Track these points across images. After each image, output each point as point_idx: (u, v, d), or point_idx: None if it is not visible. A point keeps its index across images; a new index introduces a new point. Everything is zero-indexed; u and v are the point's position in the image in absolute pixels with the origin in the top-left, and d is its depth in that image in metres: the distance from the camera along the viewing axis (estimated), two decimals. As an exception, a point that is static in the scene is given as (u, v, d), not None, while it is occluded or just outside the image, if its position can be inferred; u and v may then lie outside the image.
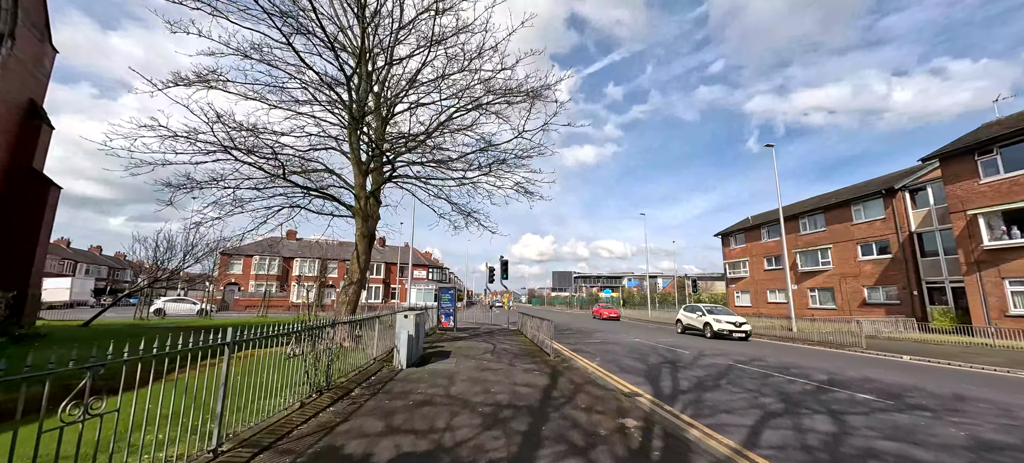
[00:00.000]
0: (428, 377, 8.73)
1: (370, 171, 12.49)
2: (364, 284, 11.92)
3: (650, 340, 18.93)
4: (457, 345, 14.28)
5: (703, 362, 12.08)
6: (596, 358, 12.72)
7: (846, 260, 29.16)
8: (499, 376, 9.00)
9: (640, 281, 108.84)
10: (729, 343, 17.99)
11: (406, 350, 9.74)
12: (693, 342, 18.08)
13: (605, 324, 31.40)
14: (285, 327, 5.64)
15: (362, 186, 11.98)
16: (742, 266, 40.14)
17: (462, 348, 13.37)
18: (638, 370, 10.68)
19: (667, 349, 15.30)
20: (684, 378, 9.62)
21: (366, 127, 10.76)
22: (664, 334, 22.21)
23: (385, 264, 56.85)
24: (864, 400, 7.74)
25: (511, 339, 16.79)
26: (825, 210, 31.02)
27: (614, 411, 6.42)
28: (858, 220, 28.48)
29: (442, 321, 21.14)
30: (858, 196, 28.23)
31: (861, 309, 27.75)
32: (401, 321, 10.15)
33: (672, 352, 14.43)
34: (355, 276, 11.92)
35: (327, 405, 6.16)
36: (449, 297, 21.31)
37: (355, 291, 11.77)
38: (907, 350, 15.61)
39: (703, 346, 16.41)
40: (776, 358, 13.20)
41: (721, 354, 14.00)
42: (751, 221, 39.99)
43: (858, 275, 28.26)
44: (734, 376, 9.91)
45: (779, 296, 35.53)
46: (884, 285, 26.54)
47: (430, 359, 11.13)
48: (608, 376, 9.78)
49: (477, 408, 6.41)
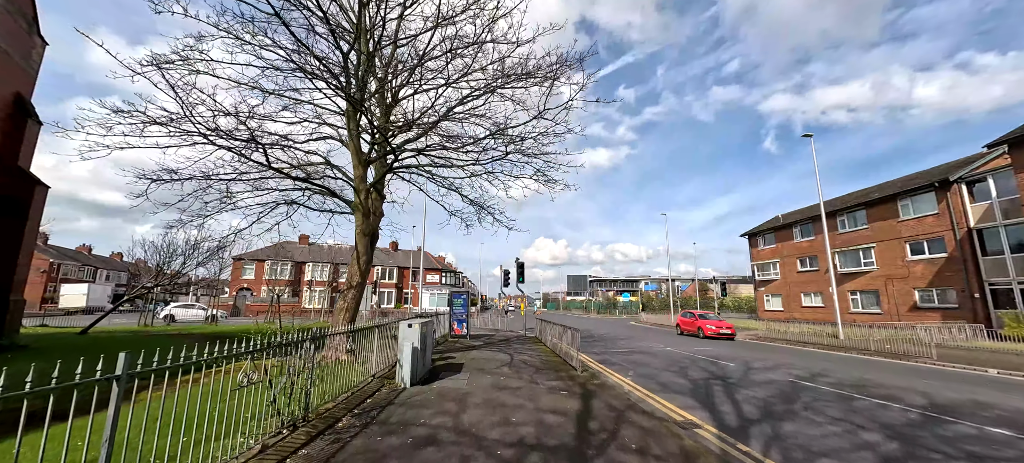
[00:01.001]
0: (435, 399, 7.25)
1: (371, 161, 11.15)
2: (364, 288, 10.53)
3: (682, 348, 17.14)
4: (470, 356, 12.81)
5: (757, 377, 10.32)
6: (629, 372, 11.08)
7: (892, 260, 26.72)
8: (520, 398, 7.47)
9: (658, 285, 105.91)
10: (772, 352, 16.08)
11: (410, 365, 8.29)
12: (726, 349, 16.22)
13: (629, 331, 29.54)
14: (243, 343, 4.22)
15: (362, 178, 10.64)
16: (772, 268, 37.75)
17: (476, 360, 11.89)
18: (683, 388, 9.01)
19: (707, 360, 13.52)
20: (744, 400, 7.93)
21: (367, 113, 9.44)
22: (694, 341, 20.33)
23: (398, 268, 55.87)
24: (1005, 438, 5.94)
25: (529, 349, 15.24)
26: (867, 206, 28.62)
27: (677, 455, 4.82)
28: (906, 216, 26.06)
29: (454, 328, 19.72)
30: (906, 190, 25.83)
31: (911, 314, 25.30)
32: (404, 331, 8.71)
33: (714, 364, 12.66)
34: (355, 279, 10.56)
35: (299, 446, 4.72)
36: (462, 302, 19.88)
37: (355, 296, 10.40)
38: (986, 361, 13.49)
39: (745, 355, 14.57)
40: (842, 372, 11.32)
41: (775, 366, 12.18)
42: (781, 219, 37.59)
43: (907, 276, 25.82)
44: (807, 398, 8.16)
45: (815, 299, 33.09)
46: (938, 287, 24.08)
47: (439, 374, 9.67)
48: (651, 397, 8.14)
49: (495, 450, 4.89)
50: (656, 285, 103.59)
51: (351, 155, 10.79)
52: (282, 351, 5.09)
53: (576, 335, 10.95)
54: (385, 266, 54.97)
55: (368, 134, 10.88)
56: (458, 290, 20.39)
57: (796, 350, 17.33)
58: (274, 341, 4.80)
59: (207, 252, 19.70)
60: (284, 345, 5.05)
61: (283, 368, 5.16)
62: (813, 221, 33.31)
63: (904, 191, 25.95)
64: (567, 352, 12.38)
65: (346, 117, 10.73)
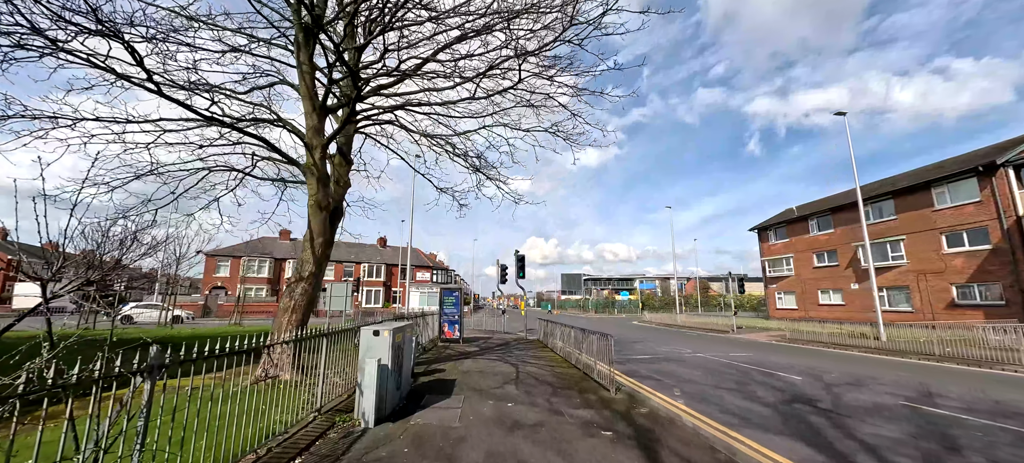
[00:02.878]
0: (410, 454, 4.48)
1: (330, 110, 8.30)
2: (320, 280, 7.69)
3: (710, 352, 14.53)
4: (463, 367, 10.03)
5: (850, 398, 7.68)
6: (674, 391, 8.39)
7: (925, 253, 24.46)
8: (543, 447, 4.75)
9: (654, 283, 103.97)
10: (819, 359, 13.54)
11: (375, 393, 5.49)
12: (764, 354, 13.64)
13: (639, 332, 26.97)
14: None
15: (317, 130, 7.78)
16: (785, 264, 35.47)
17: (471, 374, 9.11)
18: (770, 421, 6.34)
19: (759, 371, 10.90)
20: (882, 444, 5.28)
21: (327, 31, 6.61)
22: (719, 344, 17.74)
23: (386, 266, 52.78)
24: None
25: (535, 356, 12.51)
26: (895, 195, 26.35)
27: None
28: (942, 205, 23.80)
29: (445, 330, 16.91)
30: (942, 176, 23.55)
31: (948, 312, 23.05)
32: (369, 342, 5.90)
33: (772, 376, 10.03)
34: (307, 268, 7.71)
35: None
36: (453, 301, 17.07)
37: (304, 292, 7.54)
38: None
39: (795, 362, 11.99)
40: (947, 387, 8.72)
41: (853, 381, 9.57)
42: (796, 212, 35.31)
43: (943, 271, 23.56)
44: (963, 437, 5.53)
45: (834, 297, 30.85)
46: (980, 282, 21.83)
47: (421, 398, 6.87)
48: (741, 441, 5.43)
49: None
50: (653, 284, 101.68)
51: (302, 99, 7.92)
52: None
53: (606, 343, 8.20)
54: (372, 263, 51.88)
55: (325, 76, 8.00)
56: (450, 287, 17.59)
57: (842, 355, 14.82)
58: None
59: (151, 242, 16.62)
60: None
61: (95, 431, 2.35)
62: (832, 213, 31.06)
63: (941, 177, 23.67)
64: (587, 364, 9.67)
65: (296, 49, 7.85)
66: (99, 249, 16.53)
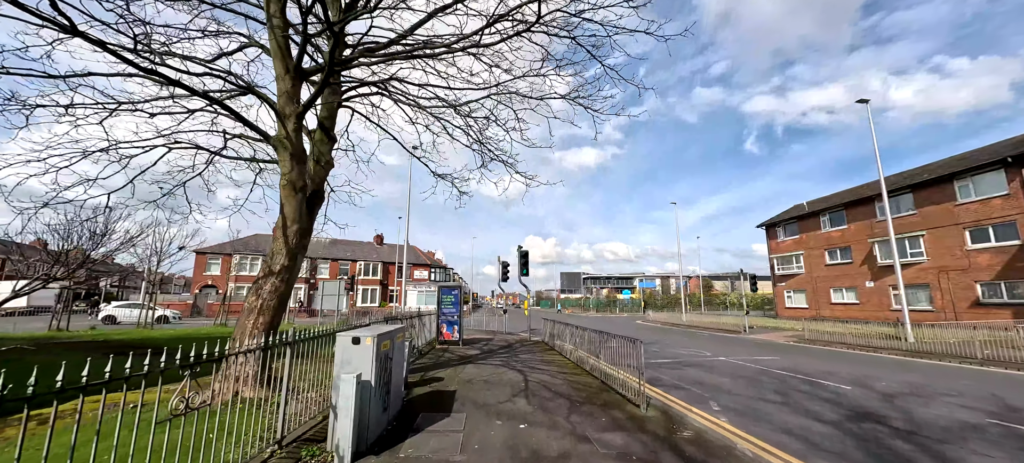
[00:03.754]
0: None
1: (308, 75, 7.05)
2: (295, 274, 6.44)
3: (733, 355, 13.33)
4: (465, 374, 8.81)
5: (921, 413, 6.49)
6: (711, 404, 7.18)
7: (947, 249, 23.33)
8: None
9: (654, 281, 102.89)
10: (854, 363, 12.38)
11: (354, 417, 4.26)
12: (793, 358, 12.46)
13: (649, 333, 25.77)
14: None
15: (290, 96, 6.52)
16: (795, 261, 34.32)
17: (474, 384, 7.89)
18: (843, 446, 5.13)
19: (798, 377, 9.70)
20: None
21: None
22: (738, 345, 16.56)
23: (383, 264, 51.48)
24: None
25: (543, 360, 11.30)
26: (914, 189, 25.20)
27: None
28: (965, 199, 22.65)
29: (444, 331, 15.70)
30: (967, 168, 22.40)
31: (972, 311, 21.93)
32: (346, 352, 4.66)
33: (817, 385, 8.83)
34: (277, 263, 6.46)
35: None
36: (452, 299, 15.85)
37: (274, 290, 6.30)
38: None
39: (832, 368, 10.83)
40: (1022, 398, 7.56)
41: (924, 390, 8.39)
42: (807, 207, 34.15)
43: (966, 268, 22.43)
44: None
45: (847, 295, 29.72)
46: (1009, 280, 20.70)
47: (414, 417, 5.65)
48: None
49: None
50: (654, 282, 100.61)
51: (273, 60, 6.67)
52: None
53: (634, 349, 6.96)
54: (369, 261, 50.60)
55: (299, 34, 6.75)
56: (449, 285, 16.37)
57: (875, 358, 13.64)
58: None
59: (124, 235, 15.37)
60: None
61: None
62: (846, 208, 29.91)
63: (965, 169, 22.51)
64: (608, 373, 8.46)
65: (266, 2, 6.58)
66: (65, 243, 15.17)
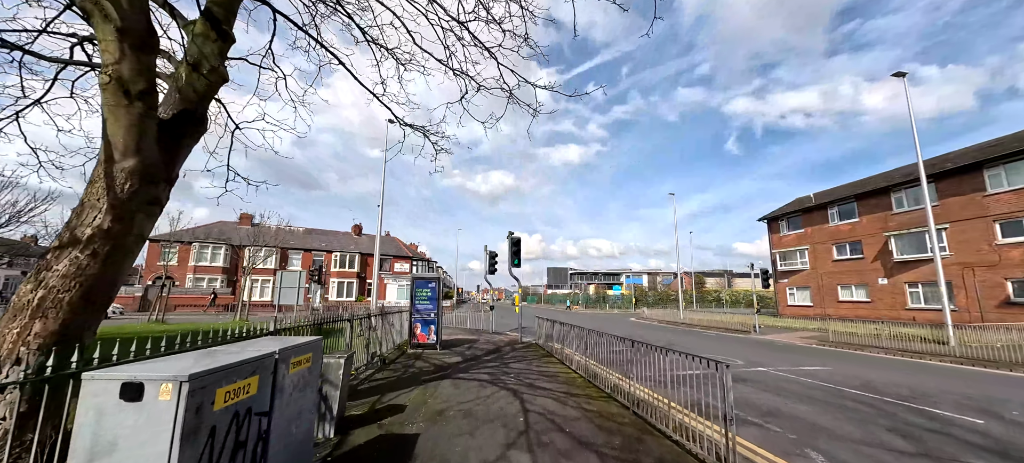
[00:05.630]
0: None
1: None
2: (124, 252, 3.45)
3: (770, 363, 10.88)
4: (437, 399, 6.05)
5: None
6: (808, 451, 4.60)
7: (973, 244, 21.54)
8: None
9: (640, 277, 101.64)
10: (914, 373, 10.06)
11: None
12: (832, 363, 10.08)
13: (649, 332, 23.42)
14: None
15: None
16: (799, 256, 32.50)
17: (448, 417, 5.15)
18: None
19: (888, 399, 7.22)
20: None
21: None
22: (757, 348, 14.20)
23: (360, 255, 48.14)
24: None
25: (543, 371, 8.59)
26: (936, 179, 23.36)
27: None
28: (995, 189, 20.84)
29: (418, 332, 12.89)
30: (998, 156, 20.57)
31: (1000, 310, 20.18)
32: (104, 422, 1.84)
33: (923, 413, 6.36)
34: (89, 222, 3.57)
35: None
36: (429, 293, 13.05)
37: (77, 272, 3.42)
38: None
39: (909, 381, 8.46)
40: None
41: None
42: (813, 200, 32.30)
43: (995, 264, 20.65)
44: None
45: (857, 293, 27.94)
46: (1044, 277, 18.98)
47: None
48: None
49: None
50: (641, 278, 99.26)
51: None
52: None
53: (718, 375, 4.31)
54: (345, 252, 47.20)
55: None
56: (424, 276, 13.53)
57: (925, 365, 11.40)
58: None
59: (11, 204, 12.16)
60: None
61: None
62: (857, 200, 28.07)
63: (996, 157, 20.67)
64: (649, 404, 5.80)
65: None
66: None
